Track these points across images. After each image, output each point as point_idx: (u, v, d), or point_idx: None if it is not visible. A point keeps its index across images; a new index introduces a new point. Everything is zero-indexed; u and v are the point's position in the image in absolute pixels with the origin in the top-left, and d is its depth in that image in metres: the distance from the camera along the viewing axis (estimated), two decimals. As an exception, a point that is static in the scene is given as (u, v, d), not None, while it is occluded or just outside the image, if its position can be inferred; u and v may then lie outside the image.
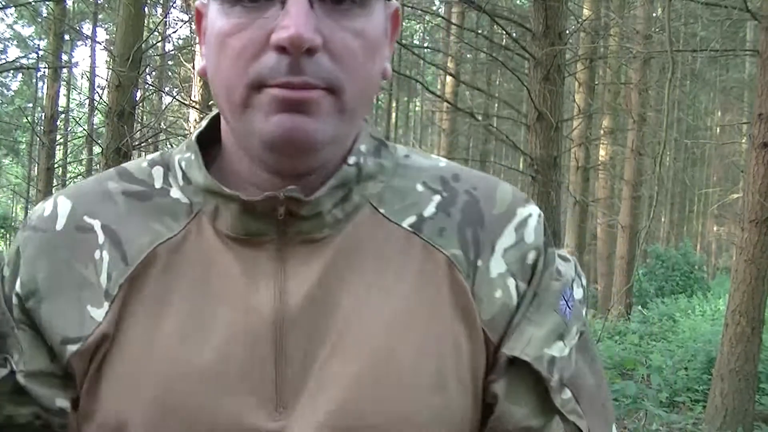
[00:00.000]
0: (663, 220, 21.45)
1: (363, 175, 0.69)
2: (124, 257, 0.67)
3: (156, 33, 10.13)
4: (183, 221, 0.68)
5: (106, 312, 0.66)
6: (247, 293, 0.65)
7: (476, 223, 0.70)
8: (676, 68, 6.29)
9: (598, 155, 13.54)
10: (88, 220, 0.68)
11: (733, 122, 16.45)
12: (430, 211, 0.70)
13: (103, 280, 0.66)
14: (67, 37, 13.79)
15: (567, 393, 0.68)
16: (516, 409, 0.67)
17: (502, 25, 7.30)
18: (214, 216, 0.67)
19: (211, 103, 10.13)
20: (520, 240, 0.70)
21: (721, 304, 9.91)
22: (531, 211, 0.72)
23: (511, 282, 0.69)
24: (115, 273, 0.66)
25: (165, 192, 0.70)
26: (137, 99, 7.47)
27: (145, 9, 7.77)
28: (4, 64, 14.04)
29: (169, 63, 13.42)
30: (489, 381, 0.68)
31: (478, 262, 0.69)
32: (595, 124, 13.85)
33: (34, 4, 11.18)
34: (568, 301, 0.70)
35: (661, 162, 5.26)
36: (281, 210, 0.64)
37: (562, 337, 0.68)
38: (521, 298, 0.69)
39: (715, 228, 23.92)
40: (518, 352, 0.67)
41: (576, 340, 0.70)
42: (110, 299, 0.66)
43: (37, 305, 0.67)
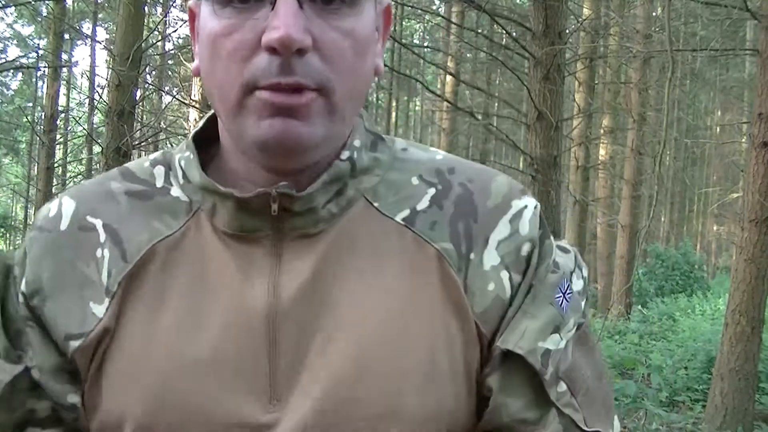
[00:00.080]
0: (663, 220, 21.46)
1: (357, 170, 0.70)
2: (124, 255, 0.68)
3: (156, 32, 10.12)
4: (182, 219, 0.69)
5: (107, 308, 0.67)
6: (242, 288, 0.66)
7: (469, 216, 0.70)
8: (676, 67, 6.28)
9: (598, 155, 13.54)
10: (90, 219, 0.70)
11: (733, 122, 16.45)
12: (423, 204, 0.70)
13: (104, 277, 0.68)
14: (67, 37, 13.78)
15: (562, 386, 0.68)
16: (511, 402, 0.67)
17: (502, 25, 7.30)
18: (212, 213, 0.68)
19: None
20: (514, 232, 0.70)
21: (721, 304, 9.92)
22: (527, 202, 0.72)
23: (505, 274, 0.69)
24: (115, 270, 0.68)
25: (166, 191, 0.71)
26: (137, 98, 7.47)
27: (145, 8, 7.77)
28: (4, 63, 14.05)
29: (169, 62, 13.41)
30: (484, 374, 0.68)
31: (471, 255, 0.69)
32: (595, 124, 13.85)
33: (34, 3, 11.18)
34: (565, 294, 0.70)
35: (661, 161, 5.26)
36: (275, 206, 0.65)
37: (558, 329, 0.68)
38: (516, 291, 0.69)
39: (715, 227, 23.92)
40: (512, 345, 0.67)
41: (573, 333, 0.70)
42: (110, 296, 0.67)
43: (42, 303, 0.68)
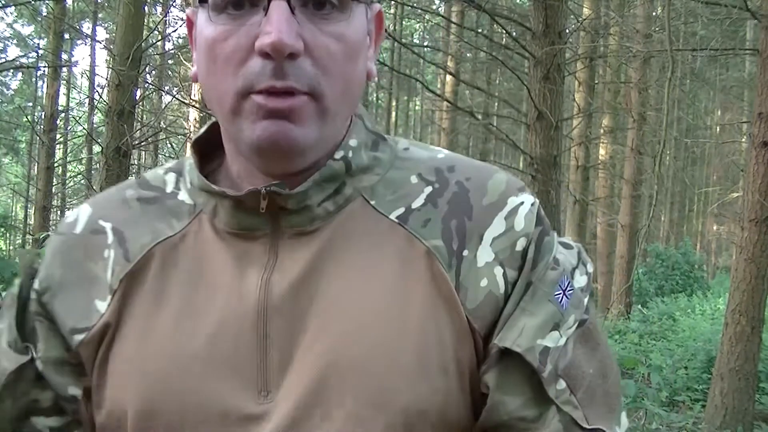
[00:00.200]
0: (663, 219, 21.46)
1: (354, 169, 0.71)
2: (126, 255, 0.72)
3: (156, 32, 10.12)
4: (186, 220, 0.73)
5: (108, 304, 0.71)
6: (238, 284, 0.69)
7: (463, 214, 0.71)
8: (675, 67, 6.29)
9: (598, 154, 13.54)
10: (101, 223, 0.75)
11: (733, 121, 16.45)
12: (419, 202, 0.71)
13: (109, 275, 0.72)
14: (66, 36, 13.78)
15: (562, 384, 0.68)
16: (509, 400, 0.67)
17: (502, 24, 7.30)
18: (214, 214, 0.71)
19: (211, 102, 10.13)
20: (509, 228, 0.70)
21: (721, 303, 9.92)
22: (523, 199, 0.72)
23: (499, 270, 0.69)
24: (118, 269, 0.72)
25: (174, 195, 0.75)
26: (137, 98, 7.47)
27: (145, 8, 7.77)
28: (3, 63, 14.05)
29: (169, 62, 13.40)
30: (481, 371, 0.68)
31: (464, 252, 0.69)
32: (595, 123, 13.85)
33: (34, 3, 11.18)
34: (565, 291, 0.70)
35: (660, 161, 5.26)
36: (263, 204, 0.68)
37: (557, 326, 0.68)
38: (512, 287, 0.69)
39: (715, 227, 23.93)
40: (509, 343, 0.67)
41: (574, 330, 0.69)
42: (112, 293, 0.71)
43: (52, 299, 0.73)
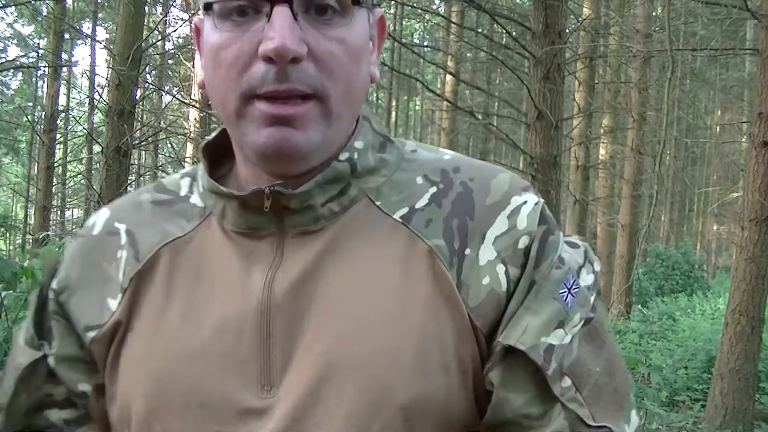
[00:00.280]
0: (663, 219, 21.45)
1: (360, 170, 0.72)
2: (137, 255, 0.75)
3: (156, 32, 10.12)
4: (195, 222, 0.76)
5: (119, 302, 0.74)
6: (243, 281, 0.70)
7: (465, 214, 0.72)
8: (676, 67, 6.29)
9: (598, 154, 13.54)
10: (116, 225, 0.78)
11: (733, 121, 16.45)
12: (422, 202, 0.73)
13: (120, 275, 0.75)
14: (67, 36, 13.77)
15: (567, 381, 0.68)
16: (514, 397, 0.67)
17: (502, 24, 7.30)
18: (222, 215, 0.73)
19: (211, 102, 10.13)
20: (512, 227, 0.71)
21: (721, 303, 9.92)
22: (527, 198, 0.73)
23: (501, 268, 0.70)
24: (129, 268, 0.75)
25: (186, 198, 0.78)
26: (137, 98, 7.46)
27: (145, 8, 7.77)
28: (4, 62, 14.05)
29: (169, 62, 13.40)
30: (486, 369, 0.69)
31: (466, 251, 0.70)
32: (595, 123, 13.84)
33: (34, 2, 11.18)
34: (570, 289, 0.70)
35: (661, 161, 5.26)
36: (267, 203, 0.69)
37: (562, 324, 0.68)
38: (515, 285, 0.70)
39: (715, 227, 23.93)
40: (513, 341, 0.67)
41: (579, 328, 0.69)
42: (122, 291, 0.74)
43: (68, 298, 0.76)
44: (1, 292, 3.15)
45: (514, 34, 8.38)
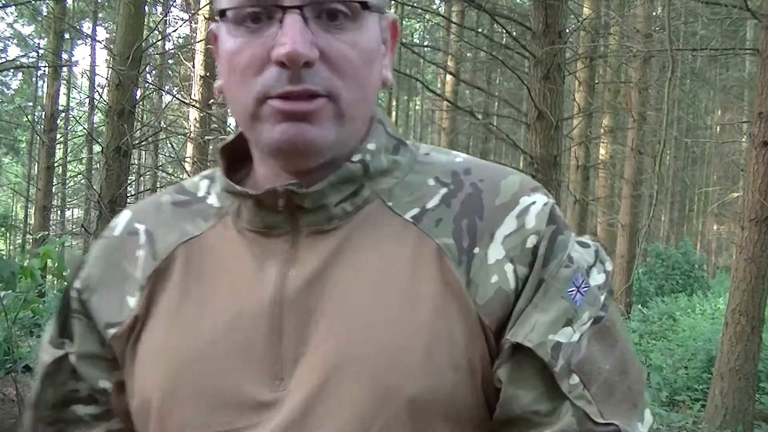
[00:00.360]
0: (663, 219, 21.45)
1: (372, 172, 0.74)
2: (154, 254, 0.78)
3: (156, 32, 10.12)
4: (212, 221, 0.78)
5: (137, 300, 0.77)
6: (256, 278, 0.72)
7: (474, 214, 0.73)
8: (676, 67, 6.29)
9: (598, 154, 13.55)
10: (136, 225, 0.81)
11: (733, 121, 16.45)
12: (433, 203, 0.74)
13: (139, 273, 0.78)
14: (67, 36, 13.78)
15: (575, 378, 0.68)
16: (522, 394, 0.68)
17: (502, 24, 7.30)
18: (237, 215, 0.76)
19: (211, 102, 10.13)
20: (520, 226, 0.72)
21: (721, 303, 9.92)
22: (536, 198, 0.74)
23: (509, 267, 0.71)
24: (146, 267, 0.77)
25: (204, 199, 0.80)
26: (137, 98, 7.46)
27: (145, 8, 7.77)
28: (4, 62, 14.05)
29: (169, 62, 13.41)
30: (495, 366, 0.70)
31: (475, 250, 0.71)
32: (595, 123, 13.85)
33: (34, 2, 11.18)
34: (579, 288, 0.71)
35: (661, 161, 5.26)
36: (281, 202, 0.71)
37: (570, 322, 0.69)
38: (523, 283, 0.70)
39: (715, 227, 23.92)
40: (521, 338, 0.68)
41: (588, 326, 0.70)
42: (141, 289, 0.77)
43: (90, 296, 0.79)
44: (0, 292, 3.15)
45: (514, 33, 8.38)
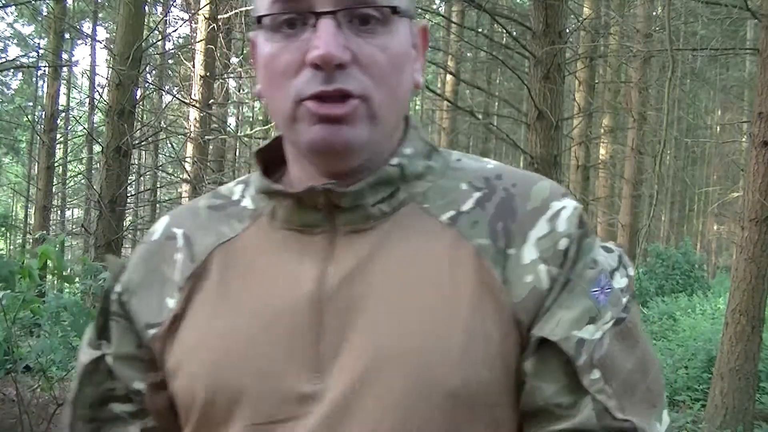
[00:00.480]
0: (663, 219, 21.45)
1: (408, 175, 0.78)
2: (192, 256, 0.81)
3: (156, 32, 10.12)
4: (246, 222, 0.81)
5: (177, 301, 0.79)
6: (295, 275, 0.75)
7: (508, 217, 0.77)
8: (676, 67, 6.29)
9: (599, 154, 13.55)
10: (174, 230, 0.84)
11: (733, 121, 16.45)
12: (468, 206, 0.78)
13: (177, 276, 0.81)
14: (67, 36, 13.78)
15: (596, 373, 0.71)
16: (545, 386, 0.72)
17: (503, 24, 7.30)
18: (273, 215, 0.79)
19: (211, 102, 10.13)
20: (552, 230, 0.76)
21: (722, 303, 9.91)
22: (566, 204, 0.78)
23: (542, 267, 0.74)
24: (185, 269, 0.80)
25: (238, 202, 0.83)
26: (137, 98, 7.47)
27: (146, 8, 7.77)
28: (4, 62, 14.05)
29: (170, 62, 13.41)
30: (522, 360, 0.73)
31: (510, 251, 0.75)
32: (595, 123, 13.85)
33: (34, 2, 11.18)
34: (603, 289, 0.75)
35: (661, 161, 5.26)
36: (321, 200, 0.74)
37: (593, 320, 0.73)
38: (553, 282, 0.74)
39: (716, 227, 23.92)
40: (547, 333, 0.72)
41: (610, 326, 0.73)
42: (180, 290, 0.80)
43: (130, 298, 0.82)
44: None
45: (515, 33, 8.39)
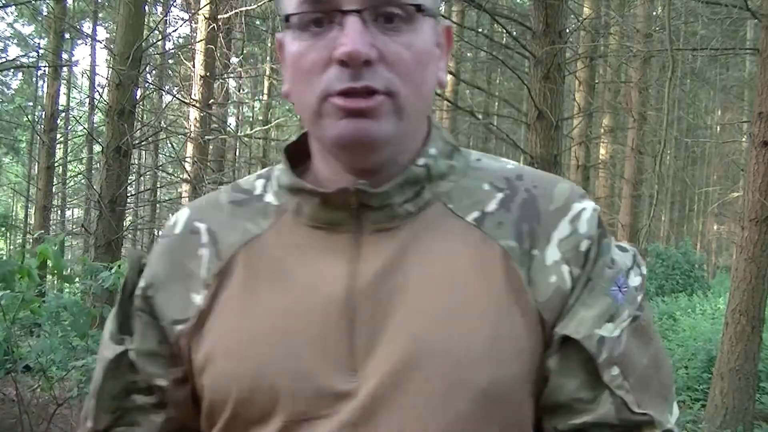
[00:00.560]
0: (663, 219, 21.43)
1: (433, 175, 0.79)
2: (219, 253, 0.81)
3: (156, 31, 10.12)
4: (272, 219, 0.82)
5: (203, 297, 0.80)
6: (325, 273, 0.76)
7: (532, 218, 0.79)
8: (676, 67, 6.29)
9: (599, 154, 13.55)
10: (197, 224, 0.84)
11: (733, 121, 16.44)
12: (492, 207, 0.80)
13: (203, 272, 0.81)
14: (67, 36, 13.78)
15: (615, 370, 0.75)
16: (567, 382, 0.75)
17: (503, 24, 7.30)
18: (297, 212, 0.80)
19: (211, 102, 10.13)
20: (574, 231, 0.79)
21: (722, 303, 9.90)
22: (586, 205, 0.81)
23: (565, 268, 0.77)
24: (211, 266, 0.81)
25: (261, 198, 0.84)
26: (137, 97, 7.47)
27: (146, 7, 7.77)
28: (4, 62, 14.05)
29: (170, 61, 13.41)
30: (545, 357, 0.76)
31: (534, 252, 0.78)
32: (596, 123, 13.85)
33: (34, 2, 11.18)
34: (621, 287, 0.78)
35: (661, 161, 5.26)
36: (353, 200, 0.76)
37: (612, 318, 0.76)
38: (575, 282, 0.77)
39: (716, 227, 23.91)
40: (570, 331, 0.75)
41: (628, 323, 0.77)
42: (207, 287, 0.80)
43: (155, 293, 0.83)
44: (-1, 292, 3.14)
45: (515, 33, 8.39)
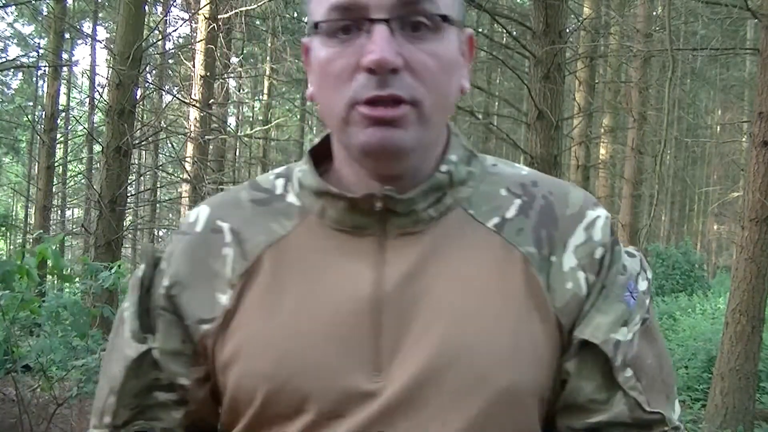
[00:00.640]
0: (663, 219, 21.43)
1: (455, 181, 0.82)
2: (244, 254, 0.82)
3: (156, 31, 10.12)
4: (296, 220, 0.83)
5: (229, 297, 0.81)
6: (350, 276, 0.78)
7: (550, 224, 0.82)
8: (676, 67, 6.29)
9: (599, 154, 13.54)
10: (219, 223, 0.85)
11: (734, 121, 16.44)
12: (511, 213, 0.82)
13: (228, 272, 0.82)
14: (67, 36, 13.78)
15: (629, 372, 0.79)
16: (585, 385, 0.79)
17: (503, 24, 7.30)
18: (321, 214, 0.81)
19: (211, 101, 10.13)
20: (589, 238, 0.82)
21: (722, 303, 9.90)
22: (599, 213, 0.84)
23: (581, 275, 0.80)
24: (237, 266, 0.82)
25: (282, 198, 0.85)
26: (137, 97, 7.47)
27: (146, 7, 7.76)
28: (4, 62, 14.04)
29: (170, 61, 13.40)
30: (563, 360, 0.79)
31: (552, 258, 0.80)
32: (596, 123, 13.84)
33: (34, 2, 11.18)
34: (632, 293, 0.81)
35: (661, 160, 5.26)
36: (379, 204, 0.77)
37: (626, 323, 0.80)
38: (590, 289, 0.80)
39: (716, 226, 23.90)
40: (588, 336, 0.78)
41: (639, 326, 0.81)
42: (233, 287, 0.81)
43: (180, 292, 0.83)
44: (-1, 292, 3.14)
45: (515, 33, 8.38)
